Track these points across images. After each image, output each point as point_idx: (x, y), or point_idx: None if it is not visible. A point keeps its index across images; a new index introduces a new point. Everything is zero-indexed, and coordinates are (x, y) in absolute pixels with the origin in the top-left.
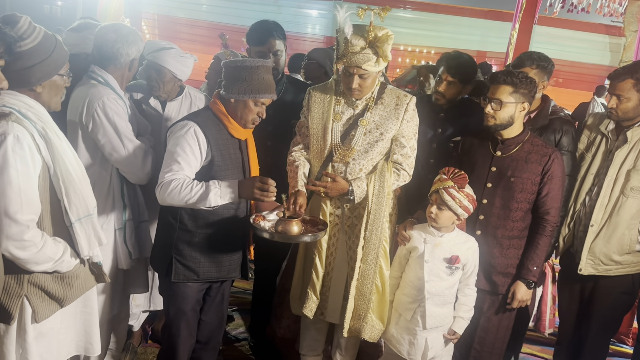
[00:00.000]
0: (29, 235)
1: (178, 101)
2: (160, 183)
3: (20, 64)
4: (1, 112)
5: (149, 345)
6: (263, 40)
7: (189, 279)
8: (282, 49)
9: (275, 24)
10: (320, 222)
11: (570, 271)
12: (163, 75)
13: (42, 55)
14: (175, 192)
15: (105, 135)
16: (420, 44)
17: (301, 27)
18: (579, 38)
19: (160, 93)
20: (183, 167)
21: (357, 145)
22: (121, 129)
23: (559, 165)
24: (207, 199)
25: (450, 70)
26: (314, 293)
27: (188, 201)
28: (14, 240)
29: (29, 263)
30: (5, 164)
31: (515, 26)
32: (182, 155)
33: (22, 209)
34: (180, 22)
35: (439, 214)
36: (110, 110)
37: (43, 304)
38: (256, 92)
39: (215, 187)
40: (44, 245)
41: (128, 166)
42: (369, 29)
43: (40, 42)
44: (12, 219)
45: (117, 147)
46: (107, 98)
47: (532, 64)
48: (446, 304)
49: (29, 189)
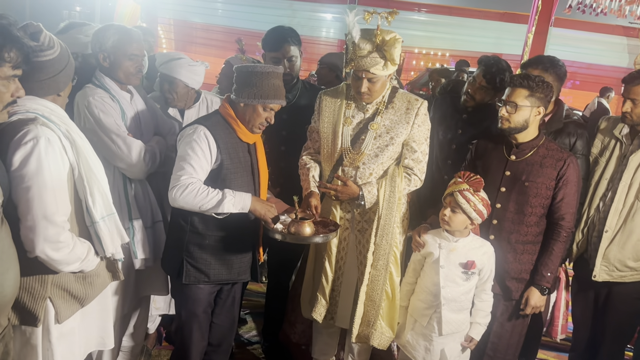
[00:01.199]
0: (64, 237)
1: (196, 108)
2: (174, 185)
3: (46, 72)
4: (27, 118)
5: (163, 347)
6: (278, 46)
7: (199, 280)
8: (297, 55)
9: (290, 29)
10: (331, 223)
11: (584, 277)
12: (175, 86)
13: (64, 63)
14: (190, 196)
15: (95, 134)
16: (435, 47)
17: (315, 31)
18: (596, 40)
19: (176, 103)
20: (196, 170)
21: (367, 150)
22: (107, 124)
23: (575, 170)
24: (221, 205)
25: (487, 76)
26: (324, 297)
27: (202, 207)
28: (50, 242)
29: (61, 264)
30: (40, 167)
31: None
32: (194, 158)
33: (58, 210)
34: (195, 26)
35: (452, 217)
36: (95, 109)
37: (65, 305)
38: (265, 98)
39: (230, 195)
40: (74, 245)
41: (119, 161)
42: (376, 32)
43: (61, 50)
44: (49, 221)
45: (106, 143)
46: (92, 97)
47: (547, 69)
48: (462, 310)
49: (62, 190)
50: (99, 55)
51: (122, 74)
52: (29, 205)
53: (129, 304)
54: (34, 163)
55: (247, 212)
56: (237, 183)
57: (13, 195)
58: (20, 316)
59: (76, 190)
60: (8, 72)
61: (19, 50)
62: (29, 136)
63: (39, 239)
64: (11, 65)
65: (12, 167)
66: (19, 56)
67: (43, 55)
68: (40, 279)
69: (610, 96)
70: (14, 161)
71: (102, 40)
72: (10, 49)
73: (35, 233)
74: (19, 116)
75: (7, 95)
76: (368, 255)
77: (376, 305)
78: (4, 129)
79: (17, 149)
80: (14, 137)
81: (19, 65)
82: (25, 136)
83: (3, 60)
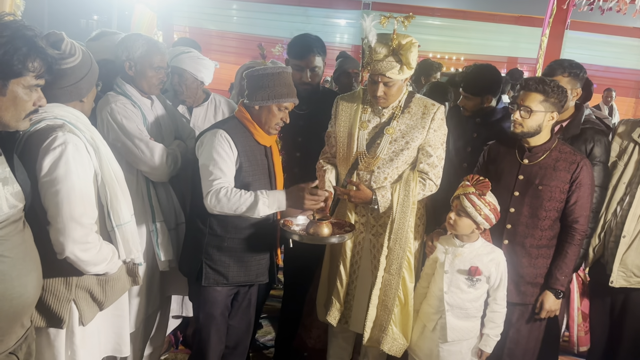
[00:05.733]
0: (92, 237)
1: (204, 107)
2: (207, 192)
3: (68, 79)
4: (55, 124)
5: (179, 350)
6: (303, 55)
7: (218, 283)
8: (320, 66)
9: (317, 39)
10: (346, 224)
11: (601, 283)
12: (185, 79)
13: (86, 69)
14: (224, 201)
15: (118, 139)
16: (450, 51)
17: (330, 36)
18: (613, 42)
19: (185, 97)
20: (225, 173)
21: (382, 154)
22: (129, 129)
23: (588, 173)
24: (256, 208)
25: (464, 87)
26: (338, 300)
27: (237, 210)
28: (79, 243)
29: (89, 265)
30: (68, 171)
31: (545, 31)
32: (220, 162)
33: (86, 212)
34: (211, 34)
35: (457, 220)
36: (117, 115)
37: (88, 307)
38: (279, 97)
39: (264, 196)
40: (101, 246)
41: (143, 165)
42: (392, 36)
43: (82, 57)
44: (78, 223)
45: (130, 148)
46: (114, 104)
47: (563, 72)
48: (469, 317)
49: (89, 193)
50: (124, 63)
51: (146, 83)
52: (58, 208)
53: (152, 303)
54: (63, 168)
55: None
56: (255, 186)
57: (43, 200)
58: (46, 319)
59: (99, 195)
60: (31, 81)
61: (43, 61)
62: (58, 142)
63: (68, 241)
64: (34, 74)
65: (42, 172)
66: (42, 66)
67: (65, 63)
68: (65, 282)
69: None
70: (44, 166)
71: (131, 49)
72: (34, 59)
73: (65, 235)
74: (47, 122)
75: (29, 104)
76: (381, 259)
77: (388, 310)
78: (32, 135)
79: (47, 154)
80: (43, 143)
81: (42, 75)
82: (54, 142)
83: (27, 70)
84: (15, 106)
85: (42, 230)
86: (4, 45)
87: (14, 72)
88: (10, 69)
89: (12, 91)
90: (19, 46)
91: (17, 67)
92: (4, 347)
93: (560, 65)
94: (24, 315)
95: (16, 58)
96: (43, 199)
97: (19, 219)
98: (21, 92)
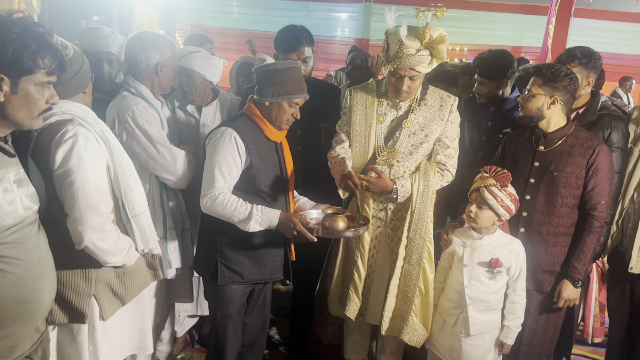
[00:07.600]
0: (110, 226)
1: (213, 106)
2: (205, 194)
3: (69, 72)
4: (64, 119)
5: (195, 349)
6: (292, 47)
7: (234, 281)
8: (310, 56)
9: (303, 29)
10: (360, 218)
11: (620, 270)
12: (193, 79)
13: (80, 59)
14: (219, 208)
15: (139, 144)
16: (454, 42)
17: (331, 30)
18: (618, 29)
19: (194, 97)
20: (226, 178)
21: (402, 148)
22: (153, 135)
23: (605, 158)
24: (248, 223)
25: (479, 70)
26: (356, 294)
27: (229, 219)
28: (97, 231)
29: (108, 254)
30: (81, 162)
31: (551, 20)
32: (224, 165)
33: (102, 201)
34: (212, 31)
35: (478, 213)
36: (140, 119)
37: (108, 302)
38: (290, 93)
39: (258, 214)
40: (118, 236)
41: (164, 172)
42: (424, 30)
43: (74, 50)
44: (94, 211)
45: (151, 154)
46: (136, 107)
47: (573, 60)
48: (491, 310)
49: (103, 183)
50: (157, 66)
51: (166, 85)
52: (74, 198)
53: (159, 312)
54: (75, 158)
55: (273, 229)
56: (266, 182)
57: (59, 192)
58: (69, 314)
59: (112, 188)
60: (43, 78)
61: (53, 57)
62: (69, 134)
63: (86, 229)
64: (45, 71)
65: (55, 164)
66: (53, 63)
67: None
68: (84, 276)
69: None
70: (57, 159)
71: (164, 52)
72: (44, 55)
73: (83, 224)
74: (56, 117)
75: (42, 101)
76: (400, 249)
77: (409, 301)
78: (44, 131)
79: (59, 147)
80: (54, 137)
81: (54, 72)
82: (65, 135)
83: (38, 67)
84: (28, 104)
85: (60, 227)
86: (14, 42)
87: (24, 70)
88: (20, 66)
89: (24, 89)
90: (29, 43)
91: (28, 65)
92: (20, 352)
93: (570, 53)
94: (39, 318)
95: (26, 55)
96: (59, 191)
97: (34, 221)
98: (33, 90)
